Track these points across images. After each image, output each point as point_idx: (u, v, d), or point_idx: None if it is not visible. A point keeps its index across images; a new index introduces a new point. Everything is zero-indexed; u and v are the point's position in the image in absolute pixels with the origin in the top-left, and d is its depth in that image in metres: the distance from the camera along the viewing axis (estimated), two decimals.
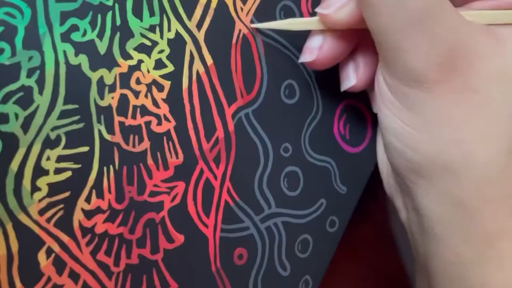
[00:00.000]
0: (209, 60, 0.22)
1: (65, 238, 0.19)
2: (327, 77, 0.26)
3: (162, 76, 0.21)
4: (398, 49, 0.18)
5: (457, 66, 0.18)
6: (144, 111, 0.21)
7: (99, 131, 0.20)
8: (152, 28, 0.21)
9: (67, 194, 0.19)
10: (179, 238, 0.22)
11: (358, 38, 0.22)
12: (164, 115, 0.21)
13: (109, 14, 0.20)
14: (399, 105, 0.19)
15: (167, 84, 0.21)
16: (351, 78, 0.23)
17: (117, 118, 0.20)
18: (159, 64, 0.21)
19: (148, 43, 0.21)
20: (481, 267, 0.19)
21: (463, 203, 0.19)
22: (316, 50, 0.23)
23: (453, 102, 0.18)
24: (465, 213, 0.19)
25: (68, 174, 0.19)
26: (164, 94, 0.21)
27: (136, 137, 0.21)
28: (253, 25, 0.23)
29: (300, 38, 0.25)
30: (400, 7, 0.17)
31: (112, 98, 0.20)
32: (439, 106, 0.18)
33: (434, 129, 0.19)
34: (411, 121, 0.19)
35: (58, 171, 0.19)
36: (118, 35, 0.20)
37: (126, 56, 0.21)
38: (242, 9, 0.23)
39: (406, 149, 0.20)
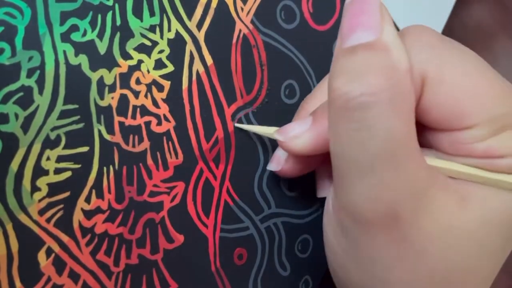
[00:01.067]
0: (209, 60, 0.22)
1: (65, 238, 0.19)
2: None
3: (162, 76, 0.21)
4: (346, 179, 0.18)
5: (400, 217, 0.17)
6: (144, 111, 0.21)
7: (99, 131, 0.20)
8: (152, 28, 0.21)
9: (67, 194, 0.19)
10: (179, 238, 0.22)
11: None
12: (164, 115, 0.21)
13: (109, 14, 0.20)
14: (336, 227, 0.19)
15: (167, 84, 0.21)
16: (327, 188, 0.23)
17: (117, 118, 0.20)
18: (159, 64, 0.21)
19: (148, 43, 0.21)
20: None
21: None
22: (283, 161, 0.23)
23: (384, 245, 0.18)
24: None
25: (68, 174, 0.19)
26: (164, 94, 0.21)
27: (136, 137, 0.21)
28: (237, 125, 0.23)
29: (300, 38, 0.25)
30: (362, 143, 0.17)
31: (112, 98, 0.20)
32: (373, 245, 0.18)
33: (363, 262, 0.19)
34: (344, 246, 0.19)
35: (58, 171, 0.19)
36: (118, 35, 0.20)
37: (126, 56, 0.21)
38: (242, 9, 0.23)
39: (338, 268, 0.20)
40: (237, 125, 0.23)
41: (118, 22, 0.20)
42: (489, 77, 0.18)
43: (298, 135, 0.21)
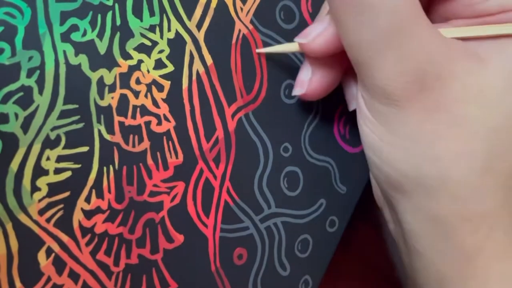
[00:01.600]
0: (209, 60, 0.22)
1: (64, 238, 0.19)
2: None
3: (162, 76, 0.21)
4: (368, 65, 0.18)
5: (427, 85, 0.17)
6: (144, 111, 0.21)
7: (99, 131, 0.20)
8: (152, 28, 0.21)
9: (67, 194, 0.19)
10: (179, 238, 0.22)
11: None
12: (164, 115, 0.21)
13: (109, 14, 0.20)
14: (374, 120, 0.19)
15: (167, 84, 0.21)
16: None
17: (117, 118, 0.20)
18: (159, 64, 0.21)
19: (148, 43, 0.21)
20: (462, 284, 0.19)
21: (439, 220, 0.18)
22: (306, 83, 0.23)
23: (424, 120, 0.18)
24: (442, 230, 0.18)
25: (68, 174, 0.19)
26: (164, 94, 0.21)
27: (136, 137, 0.21)
28: (258, 50, 0.24)
29: None
30: (371, 24, 0.17)
31: (112, 98, 0.20)
32: (411, 123, 0.18)
33: (407, 145, 0.18)
34: (386, 137, 0.19)
35: (58, 171, 0.19)
36: (118, 35, 0.20)
37: (126, 56, 0.21)
38: (242, 9, 0.23)
39: (383, 165, 0.20)
40: (258, 50, 0.23)
41: (118, 22, 0.20)
42: None
43: (319, 34, 0.21)
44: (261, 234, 0.24)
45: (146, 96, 0.21)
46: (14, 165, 0.18)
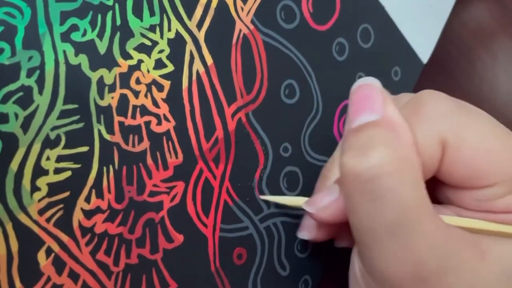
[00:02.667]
0: (209, 60, 0.22)
1: (64, 238, 0.19)
2: (328, 77, 0.26)
3: (162, 76, 0.21)
4: (370, 248, 0.18)
5: (424, 276, 0.18)
6: (144, 111, 0.21)
7: (99, 131, 0.20)
8: (152, 28, 0.21)
9: (66, 194, 0.19)
10: (179, 238, 0.22)
11: None
12: (164, 115, 0.21)
13: (109, 14, 0.20)
14: None
15: (167, 84, 0.21)
16: (344, 241, 0.24)
17: (116, 118, 0.20)
18: (159, 64, 0.21)
19: (148, 43, 0.21)
20: None
21: None
22: (314, 229, 0.23)
23: None
24: None
25: (68, 174, 0.19)
26: (164, 94, 0.21)
27: (136, 137, 0.21)
28: (262, 197, 0.24)
29: (300, 37, 0.25)
30: (379, 213, 0.18)
31: (112, 98, 0.20)
32: None
33: None
34: None
35: (57, 171, 0.19)
36: (118, 35, 0.20)
37: (126, 56, 0.21)
38: (242, 9, 0.23)
39: None
40: (262, 197, 0.24)
41: (118, 22, 0.20)
42: (505, 139, 0.19)
43: (327, 205, 0.21)
44: (260, 234, 0.24)
45: (146, 96, 0.21)
46: (14, 165, 0.18)
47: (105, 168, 0.20)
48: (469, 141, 0.19)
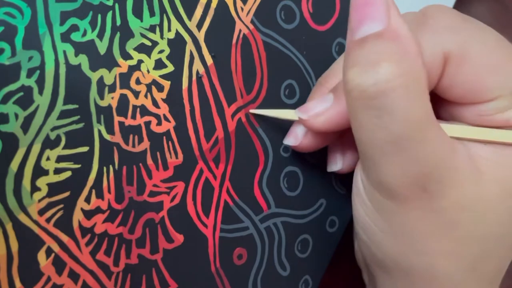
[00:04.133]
0: (209, 60, 0.22)
1: (64, 238, 0.19)
2: None
3: (162, 76, 0.21)
4: (376, 162, 0.19)
5: (428, 188, 0.18)
6: (144, 111, 0.21)
7: (99, 131, 0.20)
8: (152, 28, 0.21)
9: (66, 194, 0.19)
10: (179, 238, 0.22)
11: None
12: (164, 115, 0.21)
13: (109, 14, 0.20)
14: (371, 206, 0.20)
15: (167, 84, 0.21)
16: (338, 163, 0.24)
17: (116, 118, 0.20)
18: (159, 64, 0.21)
19: (148, 43, 0.21)
20: None
21: None
22: (301, 136, 0.23)
23: (419, 218, 0.19)
24: None
25: (68, 174, 0.19)
26: (164, 94, 0.21)
27: (136, 137, 0.21)
28: (251, 111, 0.24)
29: (300, 38, 0.25)
30: (385, 127, 0.18)
31: (112, 98, 0.20)
32: (406, 218, 0.19)
33: (399, 235, 0.19)
34: (379, 223, 0.20)
35: (57, 171, 0.19)
36: (118, 35, 0.20)
37: (126, 56, 0.21)
38: (242, 9, 0.23)
39: (372, 245, 0.21)
40: (252, 111, 0.23)
41: (118, 22, 0.20)
42: (510, 52, 0.19)
43: (320, 112, 0.21)
44: (261, 234, 0.24)
45: (146, 96, 0.21)
46: (14, 165, 0.18)
47: (105, 168, 0.20)
48: (473, 55, 0.19)
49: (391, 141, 0.18)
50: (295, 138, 0.23)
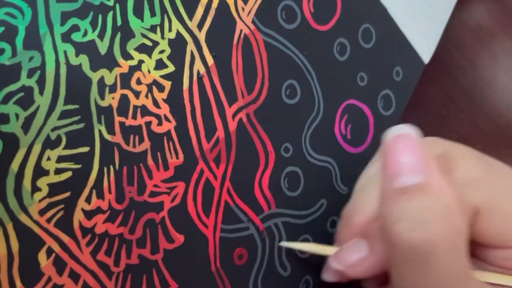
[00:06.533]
0: (210, 60, 0.22)
1: (65, 238, 0.19)
2: (329, 77, 0.26)
3: (163, 76, 0.21)
4: None
5: None
6: (145, 111, 0.21)
7: (100, 131, 0.20)
8: (153, 28, 0.21)
9: (67, 194, 0.19)
10: (179, 238, 0.22)
11: None
12: (165, 115, 0.21)
13: (110, 14, 0.20)
14: None
15: (167, 84, 0.21)
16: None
17: (117, 118, 0.20)
18: (159, 64, 0.21)
19: (149, 43, 0.21)
20: None
21: None
22: (338, 275, 0.23)
23: None
24: None
25: (69, 174, 0.19)
26: (164, 94, 0.21)
27: (137, 137, 0.21)
28: (282, 244, 0.24)
29: (301, 37, 0.25)
30: (425, 280, 0.18)
31: (113, 98, 0.20)
32: None
33: None
34: None
35: (58, 171, 0.19)
36: (118, 35, 0.20)
37: (127, 56, 0.21)
38: (243, 9, 0.23)
39: None
40: (282, 244, 0.24)
41: (119, 22, 0.20)
42: None
43: (356, 263, 0.21)
44: (261, 235, 0.24)
45: (146, 96, 0.21)
46: (15, 166, 0.18)
47: (105, 169, 0.20)
48: (501, 208, 0.19)
49: None
50: (333, 276, 0.23)
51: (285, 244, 0.24)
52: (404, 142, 0.19)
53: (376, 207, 0.21)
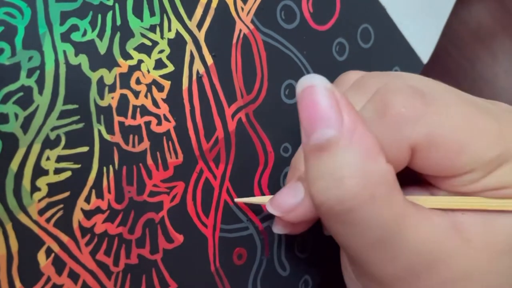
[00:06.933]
0: (209, 60, 0.22)
1: (64, 238, 0.19)
2: (328, 77, 0.26)
3: (162, 76, 0.21)
4: (361, 262, 0.18)
5: (419, 275, 0.18)
6: (144, 111, 0.21)
7: (99, 131, 0.20)
8: (152, 28, 0.21)
9: (66, 194, 0.19)
10: (179, 238, 0.22)
11: None
12: (164, 115, 0.21)
13: (109, 14, 0.20)
14: (361, 286, 0.20)
15: (167, 84, 0.21)
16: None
17: (117, 118, 0.20)
18: (159, 64, 0.21)
19: (148, 43, 0.21)
20: None
21: None
22: (288, 224, 0.22)
23: None
24: None
25: (68, 174, 0.19)
26: (164, 94, 0.21)
27: (136, 137, 0.21)
28: (236, 200, 0.23)
29: (300, 37, 0.25)
30: (361, 235, 0.17)
31: (112, 98, 0.20)
32: None
33: None
34: None
35: (57, 171, 0.19)
36: (118, 35, 0.20)
37: (126, 56, 0.21)
38: (242, 8, 0.23)
39: None
40: (236, 200, 0.23)
41: (118, 22, 0.20)
42: (479, 122, 0.18)
43: (291, 208, 0.20)
44: (260, 234, 0.24)
45: (146, 96, 0.21)
46: (14, 165, 0.18)
47: (105, 168, 0.20)
48: (440, 141, 0.18)
49: (370, 245, 0.17)
50: (284, 227, 0.23)
51: (237, 200, 0.23)
52: (312, 94, 0.18)
53: None
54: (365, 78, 0.21)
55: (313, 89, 0.18)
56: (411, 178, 0.20)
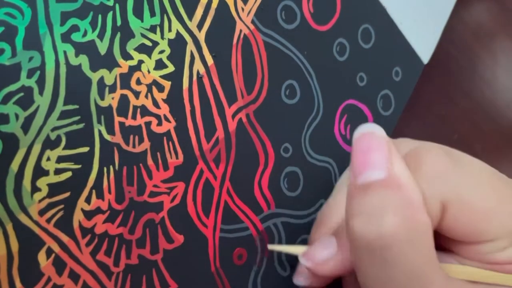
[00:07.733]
0: (210, 60, 0.22)
1: (65, 238, 0.19)
2: (328, 77, 0.26)
3: (163, 77, 0.21)
4: None
5: None
6: (144, 111, 0.21)
7: (99, 132, 0.20)
8: (152, 28, 0.21)
9: (67, 194, 0.19)
10: (179, 239, 0.22)
11: None
12: (164, 116, 0.21)
13: (110, 14, 0.20)
14: None
15: (167, 84, 0.21)
16: None
17: (117, 119, 0.20)
18: (159, 65, 0.21)
19: (149, 43, 0.21)
20: None
21: None
22: (311, 276, 0.23)
23: None
24: None
25: (68, 174, 0.19)
26: (164, 95, 0.21)
27: (136, 137, 0.21)
28: (269, 247, 0.24)
29: (301, 38, 0.25)
30: (388, 280, 0.18)
31: (112, 98, 0.20)
32: None
33: None
34: None
35: (58, 171, 0.19)
36: (118, 35, 0.20)
37: (127, 56, 0.21)
38: (243, 9, 0.23)
39: None
40: (270, 247, 0.23)
41: (119, 22, 0.20)
42: (503, 191, 0.19)
43: (325, 260, 0.21)
44: (260, 235, 0.24)
45: (146, 96, 0.21)
46: (15, 166, 0.18)
47: (105, 169, 0.20)
48: (468, 202, 0.19)
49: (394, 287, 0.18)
50: (305, 279, 0.23)
51: (271, 247, 0.24)
52: (369, 140, 0.19)
53: None
54: (396, 143, 0.22)
55: (373, 135, 0.19)
56: (436, 247, 0.20)
